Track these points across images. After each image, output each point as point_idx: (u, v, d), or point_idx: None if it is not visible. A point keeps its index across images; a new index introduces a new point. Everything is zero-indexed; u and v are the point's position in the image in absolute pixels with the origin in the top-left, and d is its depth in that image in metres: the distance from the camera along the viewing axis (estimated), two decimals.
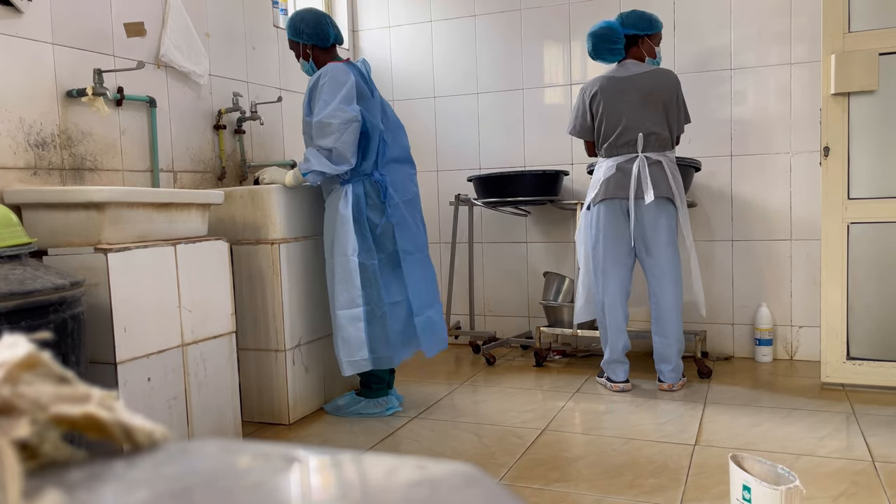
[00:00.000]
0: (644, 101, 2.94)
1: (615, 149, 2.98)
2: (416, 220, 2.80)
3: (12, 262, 1.77)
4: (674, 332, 2.99)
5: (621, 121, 2.95)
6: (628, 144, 2.96)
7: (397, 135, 2.81)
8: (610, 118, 2.97)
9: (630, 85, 2.96)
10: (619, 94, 2.96)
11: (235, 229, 2.76)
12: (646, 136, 2.93)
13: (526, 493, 2.03)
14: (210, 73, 3.07)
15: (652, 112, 2.94)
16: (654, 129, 2.94)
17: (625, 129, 2.95)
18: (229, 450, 0.39)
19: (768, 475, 1.63)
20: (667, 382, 3.02)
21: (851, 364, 2.92)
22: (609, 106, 2.97)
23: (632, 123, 2.94)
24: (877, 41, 2.79)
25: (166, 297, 2.20)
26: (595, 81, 3.04)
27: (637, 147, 2.94)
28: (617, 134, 2.96)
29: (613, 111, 2.96)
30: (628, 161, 2.95)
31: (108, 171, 2.58)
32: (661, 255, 2.96)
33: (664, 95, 2.96)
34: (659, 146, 2.95)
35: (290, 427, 2.72)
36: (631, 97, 2.95)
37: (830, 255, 2.92)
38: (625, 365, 3.06)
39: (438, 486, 0.36)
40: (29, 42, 2.29)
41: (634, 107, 2.94)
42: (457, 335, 3.90)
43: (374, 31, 4.15)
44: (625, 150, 2.96)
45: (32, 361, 0.37)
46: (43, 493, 0.32)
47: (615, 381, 3.06)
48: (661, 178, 2.93)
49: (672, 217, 2.97)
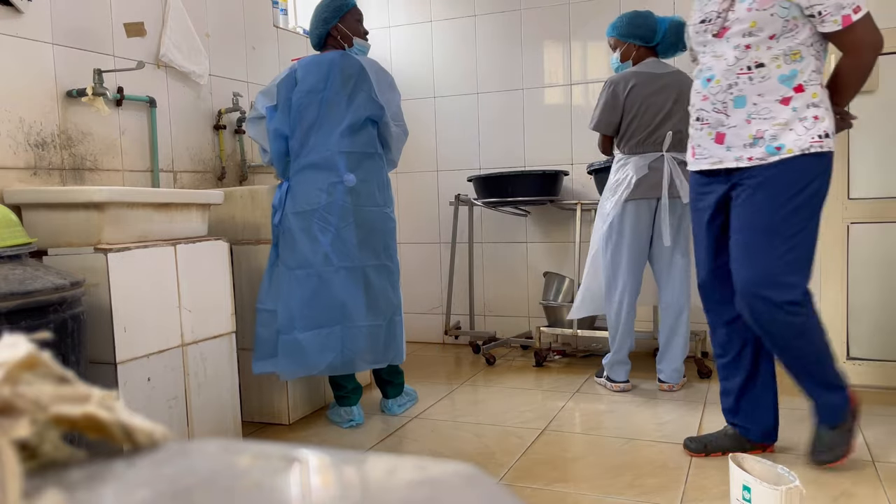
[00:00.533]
0: (676, 100, 2.93)
1: (642, 146, 2.95)
2: (310, 234, 2.52)
3: (12, 262, 1.77)
4: (682, 333, 3.00)
5: (655, 118, 2.93)
6: (656, 142, 2.94)
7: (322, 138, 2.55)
8: (645, 114, 2.94)
9: (663, 82, 2.95)
10: (656, 90, 2.94)
11: (235, 229, 2.76)
12: (674, 135, 2.92)
13: (526, 493, 2.03)
14: (210, 73, 3.07)
15: (679, 111, 2.93)
16: (680, 129, 2.92)
17: (657, 127, 2.93)
18: (229, 450, 0.39)
19: (768, 475, 1.63)
20: (668, 382, 3.02)
21: (851, 364, 2.92)
22: (645, 102, 2.94)
23: (665, 121, 2.93)
24: None
25: (166, 297, 2.20)
26: (628, 76, 2.97)
27: (663, 146, 2.93)
28: (649, 131, 2.94)
29: (649, 107, 2.93)
30: (657, 160, 2.94)
31: (108, 171, 2.58)
32: (682, 256, 2.97)
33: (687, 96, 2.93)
34: (682, 146, 2.93)
35: (290, 427, 2.72)
36: (664, 95, 2.93)
37: (830, 255, 2.92)
38: (627, 366, 3.07)
39: (438, 486, 0.36)
40: (29, 42, 2.29)
41: (668, 105, 2.93)
42: (457, 335, 3.91)
43: (374, 31, 4.15)
44: (651, 148, 2.95)
45: (32, 361, 0.37)
46: (43, 493, 0.32)
47: (616, 381, 3.06)
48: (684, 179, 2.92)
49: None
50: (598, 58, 3.71)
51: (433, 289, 4.16)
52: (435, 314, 4.15)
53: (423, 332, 4.18)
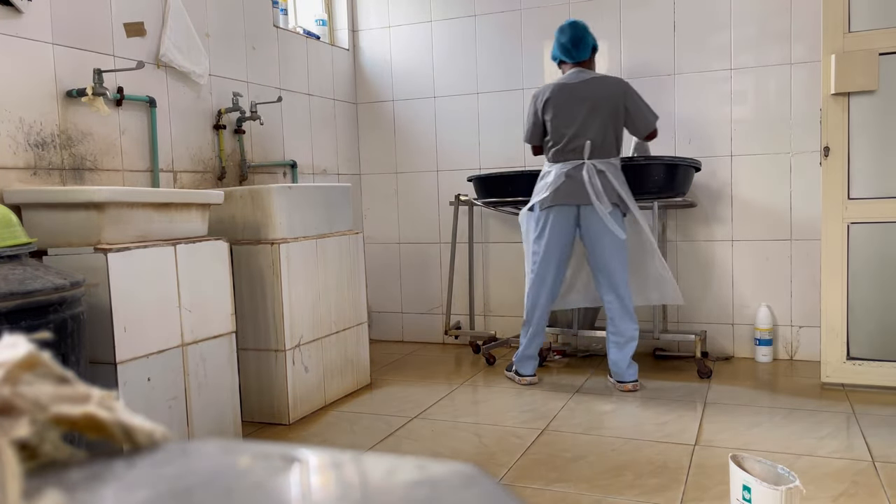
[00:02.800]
0: (592, 109, 3.01)
1: (563, 154, 3.06)
2: None
3: (12, 262, 1.77)
4: (628, 332, 3.07)
5: (570, 127, 3.03)
6: (575, 151, 3.03)
7: None
8: (560, 124, 3.04)
9: (580, 91, 3.03)
10: (570, 100, 3.04)
11: (235, 229, 2.76)
12: (592, 144, 3.01)
13: (526, 493, 2.03)
14: (210, 73, 3.07)
15: (599, 120, 3.01)
16: (600, 137, 3.01)
17: (573, 136, 3.02)
18: (229, 450, 0.39)
19: (768, 475, 1.63)
20: (624, 382, 3.06)
21: (851, 364, 2.92)
22: (559, 112, 3.04)
23: (580, 130, 3.01)
24: (877, 41, 2.79)
25: (166, 297, 2.20)
26: (546, 88, 3.12)
27: (584, 154, 3.02)
28: (566, 140, 3.04)
29: (563, 117, 3.04)
30: (576, 168, 3.02)
31: (108, 171, 2.58)
32: (609, 260, 3.04)
33: (611, 103, 3.02)
34: (604, 154, 3.03)
35: (290, 427, 2.72)
36: (580, 104, 3.02)
37: (830, 255, 2.92)
38: (535, 361, 3.22)
39: (438, 486, 0.36)
40: (29, 42, 2.29)
41: (583, 114, 3.01)
42: (457, 335, 3.91)
43: (374, 31, 4.15)
44: (572, 156, 3.04)
45: (32, 361, 0.37)
46: (43, 493, 0.32)
47: (524, 374, 3.20)
48: (608, 186, 3.01)
49: (619, 222, 3.03)
50: (598, 58, 3.71)
51: (433, 289, 4.16)
52: (435, 314, 4.15)
53: (423, 332, 4.18)
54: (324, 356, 2.94)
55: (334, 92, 4.02)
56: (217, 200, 2.50)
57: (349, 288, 3.14)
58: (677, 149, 3.58)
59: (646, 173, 3.21)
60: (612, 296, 3.07)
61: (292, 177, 3.59)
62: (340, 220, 3.15)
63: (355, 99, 4.22)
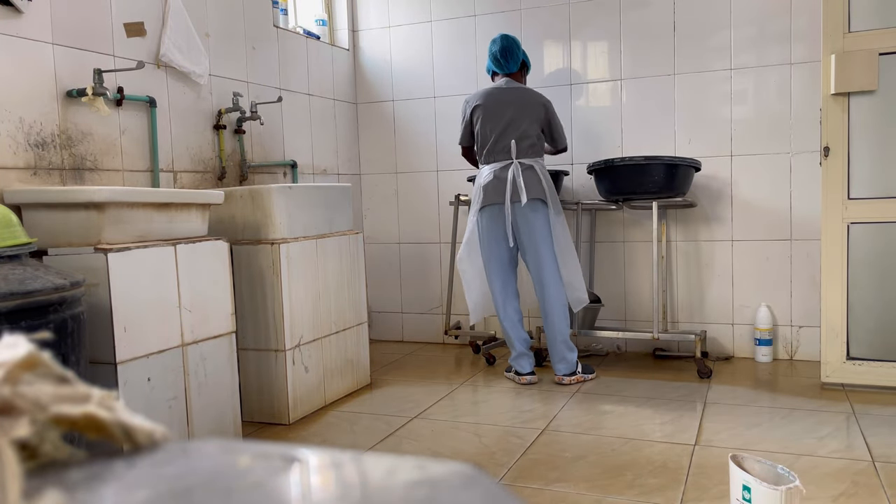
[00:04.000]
0: (518, 112, 3.17)
1: (492, 155, 3.20)
2: None
3: (12, 262, 1.77)
4: (557, 326, 3.17)
5: (497, 128, 3.17)
6: (504, 151, 3.16)
7: None
8: (487, 126, 3.19)
9: (507, 97, 3.20)
10: (497, 104, 3.19)
11: (235, 229, 2.76)
12: (518, 143, 3.14)
13: (526, 493, 2.03)
14: (210, 73, 3.07)
15: (525, 121, 3.16)
16: (526, 137, 3.15)
17: (500, 136, 3.16)
18: (229, 450, 0.39)
19: (768, 475, 1.63)
20: (558, 375, 3.17)
21: (851, 364, 2.92)
22: (487, 115, 3.19)
23: (507, 131, 3.16)
24: (877, 41, 2.79)
25: (166, 297, 2.20)
26: (476, 94, 3.27)
27: (512, 153, 3.14)
28: (493, 141, 3.18)
29: (491, 120, 3.18)
30: (504, 168, 3.15)
31: (108, 171, 2.58)
32: (538, 254, 3.16)
33: (535, 110, 3.19)
34: (532, 153, 3.17)
35: (290, 427, 2.72)
36: (507, 107, 3.18)
37: (830, 255, 2.92)
38: (530, 357, 3.23)
39: (438, 486, 0.36)
40: (29, 42, 2.29)
41: (509, 116, 3.16)
42: (457, 335, 3.91)
43: (374, 31, 4.15)
44: (501, 156, 3.18)
45: (32, 361, 0.37)
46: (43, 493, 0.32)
47: (522, 373, 3.21)
48: (535, 182, 3.14)
49: (545, 217, 3.15)
50: (599, 58, 3.71)
51: (433, 289, 4.16)
52: (435, 314, 4.15)
53: (423, 332, 4.18)
54: (324, 356, 2.94)
55: (334, 92, 4.02)
56: (217, 200, 2.50)
57: (349, 288, 3.14)
58: (677, 149, 3.58)
59: (646, 173, 3.21)
60: (540, 290, 3.19)
61: (292, 177, 3.59)
62: (340, 220, 3.15)
63: (355, 99, 4.21)
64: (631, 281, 3.74)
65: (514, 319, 3.26)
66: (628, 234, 3.73)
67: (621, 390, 3.07)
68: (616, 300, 3.77)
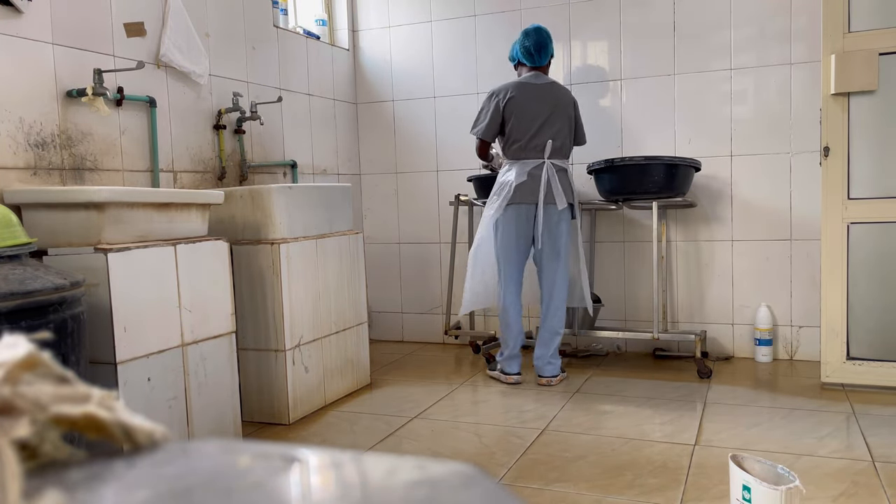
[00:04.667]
0: (553, 110, 3.12)
1: (524, 152, 3.13)
2: None
3: (12, 262, 1.77)
4: (558, 329, 3.20)
5: (533, 125, 3.11)
6: (537, 149, 3.12)
7: None
8: (522, 122, 3.12)
9: (543, 93, 3.14)
10: (534, 99, 3.13)
11: (235, 229, 2.76)
12: (553, 142, 3.11)
13: (526, 493, 2.03)
14: (210, 73, 3.07)
15: (560, 120, 3.13)
16: (560, 138, 3.13)
17: (536, 134, 3.11)
18: (229, 450, 0.39)
19: (768, 475, 1.63)
20: (545, 377, 3.17)
21: (851, 364, 2.92)
22: (523, 110, 3.12)
23: (543, 128, 3.11)
24: (877, 41, 2.79)
25: (166, 297, 2.20)
26: (508, 86, 3.17)
27: (544, 153, 3.11)
28: (528, 138, 3.12)
29: (526, 115, 3.12)
30: (538, 167, 3.11)
31: (108, 171, 2.58)
32: (558, 259, 3.17)
33: (568, 109, 3.17)
34: (563, 154, 3.16)
35: (290, 427, 2.72)
36: (543, 104, 3.13)
37: (830, 255, 2.92)
38: (519, 359, 3.24)
39: (438, 486, 0.36)
40: (29, 42, 2.29)
41: (545, 114, 3.12)
42: (457, 335, 3.90)
43: (374, 31, 4.15)
44: (533, 154, 3.13)
45: (32, 361, 0.37)
46: (43, 493, 0.32)
47: (509, 373, 3.22)
48: (567, 186, 3.14)
49: (569, 222, 3.17)
50: (599, 58, 3.71)
51: (433, 289, 4.16)
52: (435, 314, 4.15)
53: (423, 332, 4.18)
54: (324, 356, 2.94)
55: (334, 92, 4.02)
56: (217, 200, 2.50)
57: (349, 288, 3.14)
58: (677, 149, 3.58)
59: (646, 173, 3.21)
60: (550, 291, 3.18)
61: (292, 177, 3.59)
62: (340, 220, 3.15)
63: (355, 99, 4.21)
64: (631, 281, 3.74)
65: (518, 320, 3.25)
66: (628, 234, 3.73)
67: (621, 390, 3.07)
68: (616, 300, 3.77)
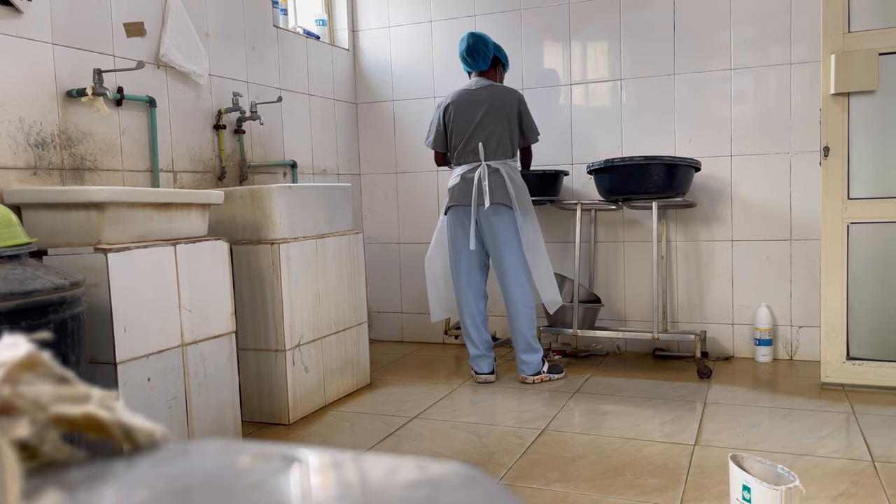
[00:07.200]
0: (488, 113, 3.15)
1: (462, 157, 3.21)
2: None
3: (12, 262, 1.77)
4: (519, 328, 3.20)
5: (467, 130, 3.17)
6: (472, 153, 3.17)
7: None
8: (458, 128, 3.19)
9: (477, 97, 3.18)
10: (467, 105, 3.19)
11: (235, 229, 2.76)
12: (486, 145, 3.14)
13: (526, 493, 2.03)
14: (210, 73, 3.07)
15: (494, 123, 3.15)
16: (494, 139, 3.15)
17: (469, 138, 3.17)
18: (229, 450, 0.39)
19: (768, 475, 1.63)
20: (521, 375, 3.21)
21: (851, 364, 2.92)
22: (458, 117, 3.19)
23: (475, 133, 3.16)
24: (877, 41, 2.79)
25: (166, 297, 2.20)
26: (449, 95, 3.26)
27: (480, 155, 3.15)
28: (463, 143, 3.18)
29: (460, 121, 3.18)
30: (472, 170, 3.17)
31: (108, 171, 2.58)
32: (501, 258, 3.19)
33: (506, 109, 3.17)
34: (500, 155, 3.17)
35: (290, 427, 2.72)
36: (476, 109, 3.17)
37: (830, 255, 2.92)
38: (489, 358, 3.26)
39: (438, 486, 0.36)
40: (29, 42, 2.29)
41: (479, 118, 3.15)
42: (457, 335, 3.90)
43: (374, 31, 4.15)
44: (470, 158, 3.19)
45: (32, 361, 0.37)
46: (43, 493, 0.32)
47: (479, 372, 3.25)
48: (499, 185, 3.14)
49: (510, 221, 3.15)
50: (598, 58, 3.71)
51: None
52: None
53: (423, 332, 4.18)
54: (324, 356, 2.94)
55: (334, 92, 4.02)
56: (217, 200, 2.50)
57: (349, 288, 3.14)
58: (677, 149, 3.58)
59: (646, 173, 3.21)
60: (504, 291, 3.22)
61: (292, 177, 3.59)
62: (340, 220, 3.15)
63: (355, 99, 4.21)
64: (631, 281, 3.74)
65: (476, 321, 3.27)
66: (628, 234, 3.73)
67: (621, 390, 3.07)
68: (616, 300, 3.77)
